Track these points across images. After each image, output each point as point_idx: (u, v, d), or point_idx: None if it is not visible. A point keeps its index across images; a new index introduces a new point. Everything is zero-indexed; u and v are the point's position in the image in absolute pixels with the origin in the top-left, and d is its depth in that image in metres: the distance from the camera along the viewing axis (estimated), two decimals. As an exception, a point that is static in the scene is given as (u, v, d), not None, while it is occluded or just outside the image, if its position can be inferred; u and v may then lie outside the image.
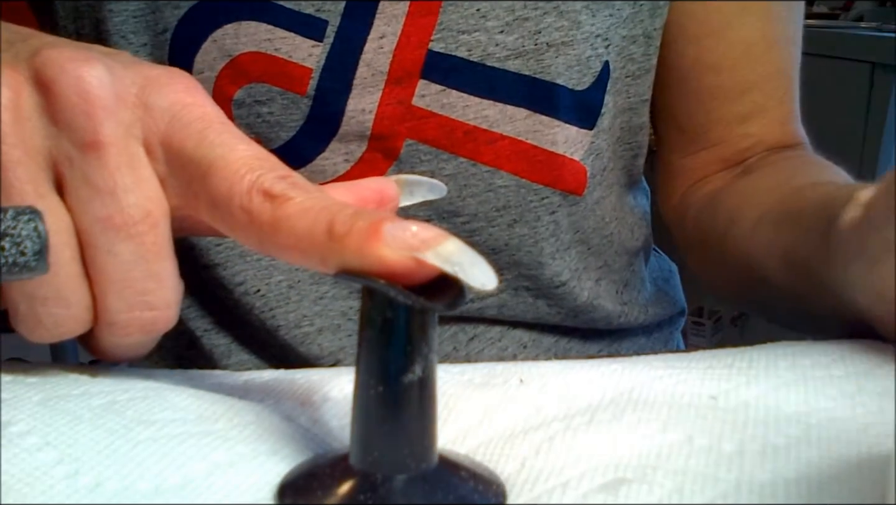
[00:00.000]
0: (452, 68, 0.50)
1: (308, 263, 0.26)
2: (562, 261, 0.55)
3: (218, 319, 0.57)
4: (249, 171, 0.27)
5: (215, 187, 0.27)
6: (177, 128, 0.29)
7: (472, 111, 0.50)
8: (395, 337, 0.24)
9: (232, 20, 0.49)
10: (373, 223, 0.23)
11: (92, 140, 0.28)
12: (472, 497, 0.25)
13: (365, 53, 0.50)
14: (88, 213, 0.28)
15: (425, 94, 0.50)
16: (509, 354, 0.56)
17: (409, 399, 0.24)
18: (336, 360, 0.54)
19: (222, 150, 0.28)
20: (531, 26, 0.50)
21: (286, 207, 0.26)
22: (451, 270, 0.23)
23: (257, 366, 0.56)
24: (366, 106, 0.50)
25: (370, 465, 0.24)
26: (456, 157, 0.51)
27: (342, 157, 0.51)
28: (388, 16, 0.50)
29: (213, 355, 0.57)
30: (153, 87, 0.29)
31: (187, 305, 0.57)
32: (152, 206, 0.29)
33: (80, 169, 0.28)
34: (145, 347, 0.31)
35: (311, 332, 0.54)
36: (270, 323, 0.54)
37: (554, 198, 0.53)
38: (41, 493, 0.24)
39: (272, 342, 0.55)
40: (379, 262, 0.23)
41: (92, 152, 0.28)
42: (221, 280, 0.54)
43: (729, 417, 0.29)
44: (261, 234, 0.26)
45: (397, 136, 0.50)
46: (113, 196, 0.28)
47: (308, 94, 0.50)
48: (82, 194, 0.28)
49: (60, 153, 0.28)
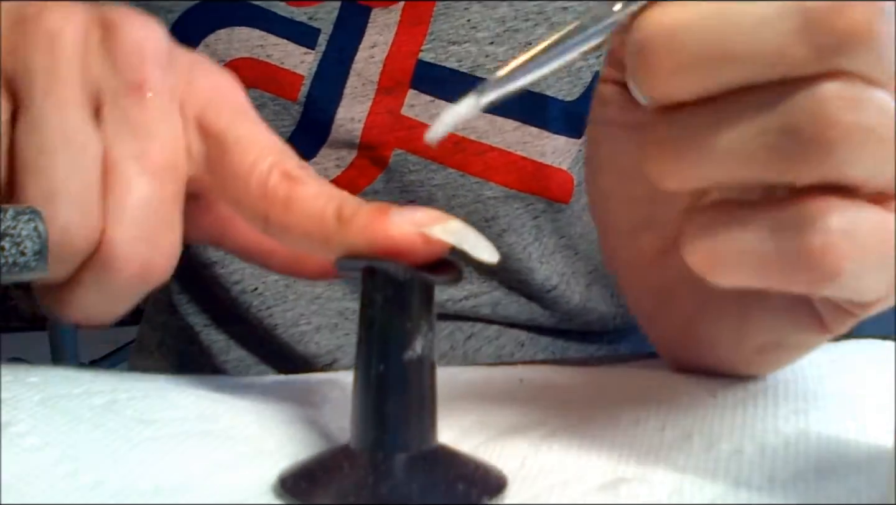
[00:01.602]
0: (442, 79, 0.50)
1: (310, 244, 0.27)
2: (549, 266, 0.55)
3: (216, 316, 0.57)
4: (272, 154, 0.29)
5: (237, 162, 0.29)
6: (213, 106, 0.31)
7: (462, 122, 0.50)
8: (395, 314, 0.24)
9: (225, 25, 0.50)
10: (380, 206, 0.25)
11: (140, 83, 0.30)
12: (474, 476, 0.25)
13: (356, 63, 0.50)
14: (121, 148, 0.29)
15: (415, 104, 0.50)
16: (507, 353, 0.56)
17: (410, 377, 0.25)
18: (333, 358, 0.54)
19: (251, 132, 0.30)
20: (522, 38, 0.50)
21: (301, 189, 0.28)
22: (457, 244, 0.24)
23: (256, 362, 0.56)
24: (355, 115, 0.50)
25: (371, 444, 0.25)
26: (445, 168, 0.51)
27: (333, 163, 0.51)
28: (380, 25, 0.50)
29: (211, 351, 0.57)
30: (201, 68, 0.32)
31: (186, 300, 0.57)
32: (178, 160, 0.30)
33: (122, 107, 0.30)
34: (124, 303, 0.31)
35: (308, 330, 0.54)
36: (268, 321, 0.54)
37: (538, 204, 0.53)
38: (41, 493, 0.24)
39: (270, 340, 0.55)
40: (386, 237, 0.24)
41: (136, 94, 0.30)
42: (219, 278, 0.54)
43: (728, 416, 0.29)
44: (271, 210, 0.28)
45: (386, 146, 0.51)
46: (148, 138, 0.30)
47: (299, 101, 0.50)
48: (119, 130, 0.29)
49: (107, 88, 0.30)
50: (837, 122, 0.22)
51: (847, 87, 0.22)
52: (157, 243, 0.30)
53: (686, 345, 0.34)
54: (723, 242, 0.24)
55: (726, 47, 0.22)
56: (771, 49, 0.22)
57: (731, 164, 0.23)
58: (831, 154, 0.22)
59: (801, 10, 0.22)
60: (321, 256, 0.27)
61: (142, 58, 0.30)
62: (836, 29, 0.22)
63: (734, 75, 0.23)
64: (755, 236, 0.23)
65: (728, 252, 0.24)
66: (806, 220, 0.23)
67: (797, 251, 0.23)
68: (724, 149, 0.23)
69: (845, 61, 0.22)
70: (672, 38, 0.23)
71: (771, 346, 0.31)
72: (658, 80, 0.23)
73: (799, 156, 0.22)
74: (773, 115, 0.22)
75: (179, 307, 0.58)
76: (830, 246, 0.23)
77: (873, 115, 0.22)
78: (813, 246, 0.23)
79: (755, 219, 0.24)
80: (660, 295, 0.33)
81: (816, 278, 0.23)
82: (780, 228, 0.23)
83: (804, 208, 0.23)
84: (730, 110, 0.23)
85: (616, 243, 0.34)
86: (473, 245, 0.24)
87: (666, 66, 0.23)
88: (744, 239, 0.24)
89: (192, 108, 0.31)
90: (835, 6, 0.21)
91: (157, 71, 0.30)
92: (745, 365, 0.32)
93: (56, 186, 0.28)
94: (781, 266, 0.23)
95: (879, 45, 0.22)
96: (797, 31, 0.22)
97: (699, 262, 0.24)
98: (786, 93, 0.22)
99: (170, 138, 0.30)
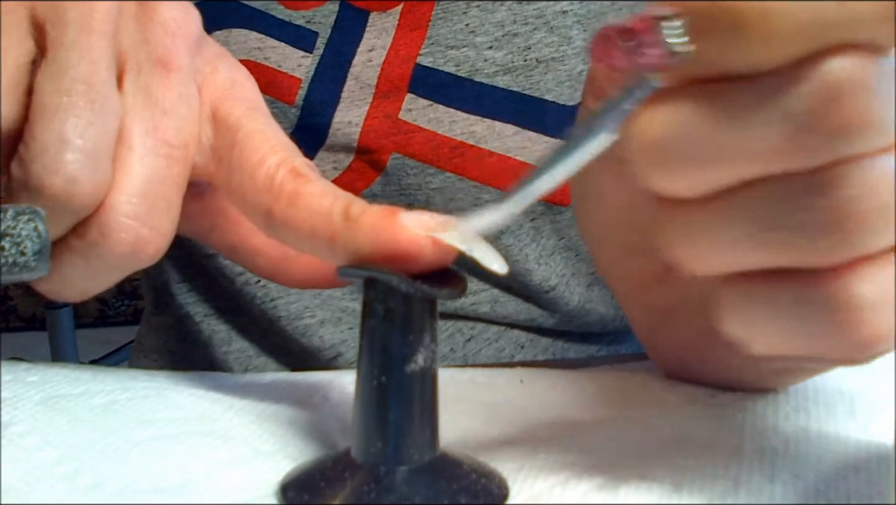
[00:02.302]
0: (440, 83, 0.50)
1: (313, 242, 0.27)
2: (547, 266, 0.55)
3: (218, 306, 0.57)
4: (284, 150, 0.29)
5: (247, 154, 0.29)
6: (229, 97, 0.31)
7: (460, 127, 0.50)
8: (397, 327, 0.24)
9: (223, 27, 0.50)
10: (389, 208, 0.25)
11: (167, 60, 0.30)
12: (476, 488, 0.25)
13: (354, 66, 0.50)
14: (136, 119, 0.29)
15: (412, 108, 0.50)
16: (506, 355, 0.56)
17: (412, 390, 0.24)
18: (337, 352, 0.54)
19: (264, 127, 0.30)
20: (521, 42, 0.50)
21: (309, 186, 0.28)
22: (467, 251, 0.24)
23: (257, 354, 0.56)
24: (352, 119, 0.50)
25: (373, 456, 0.25)
26: (443, 172, 0.51)
27: (331, 166, 0.51)
28: (378, 29, 0.50)
29: (212, 341, 0.57)
30: (226, 60, 0.33)
31: (187, 289, 0.57)
32: (189, 143, 0.30)
33: (144, 80, 0.30)
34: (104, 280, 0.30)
35: (312, 323, 0.54)
36: (272, 313, 0.54)
37: (537, 207, 0.53)
38: (41, 493, 0.24)
39: (273, 332, 0.55)
40: (393, 238, 0.24)
41: (161, 69, 0.30)
42: (223, 269, 0.54)
43: (728, 415, 0.29)
44: (275, 204, 0.28)
45: (383, 150, 0.50)
46: (164, 115, 0.30)
47: (296, 105, 0.50)
48: (137, 101, 0.30)
49: (133, 59, 0.30)
50: (855, 212, 0.21)
51: (859, 173, 0.21)
52: (155, 222, 0.29)
53: (689, 362, 0.33)
54: (758, 317, 0.23)
55: (718, 153, 0.22)
56: (767, 152, 0.21)
57: (749, 253, 0.22)
58: (853, 242, 0.21)
59: (789, 117, 0.21)
60: (322, 257, 0.27)
61: (173, 37, 0.30)
62: (831, 128, 0.21)
63: (733, 174, 0.22)
64: (789, 311, 0.23)
65: (764, 327, 0.23)
66: (836, 295, 0.22)
67: (833, 328, 0.22)
68: (741, 239, 0.22)
69: (850, 149, 0.21)
70: (660, 147, 0.22)
71: (788, 369, 0.30)
72: (658, 184, 0.23)
73: (823, 246, 0.22)
74: (788, 207, 0.22)
75: (179, 296, 0.57)
76: (865, 321, 0.22)
77: (887, 192, 0.21)
78: (845, 322, 0.22)
79: (786, 290, 0.23)
80: (659, 315, 0.33)
81: (853, 351, 0.22)
82: (812, 303, 0.22)
83: (833, 281, 0.22)
84: (745, 202, 0.22)
85: (609, 265, 0.33)
86: (483, 254, 0.24)
87: (660, 172, 0.22)
88: (777, 314, 0.23)
89: (209, 96, 0.31)
90: (820, 106, 0.20)
91: (186, 53, 0.30)
92: (757, 382, 0.31)
93: (71, 133, 0.28)
94: (817, 340, 0.23)
95: (880, 122, 0.21)
96: (790, 134, 0.21)
97: (736, 335, 0.24)
98: (797, 184, 0.22)
99: (185, 120, 0.30)
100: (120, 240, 0.29)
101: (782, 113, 0.21)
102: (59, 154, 0.27)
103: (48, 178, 0.28)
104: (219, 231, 0.34)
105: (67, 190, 0.28)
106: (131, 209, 0.29)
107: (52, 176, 0.28)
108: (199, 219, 0.34)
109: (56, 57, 0.28)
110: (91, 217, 0.29)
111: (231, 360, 0.56)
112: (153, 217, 0.29)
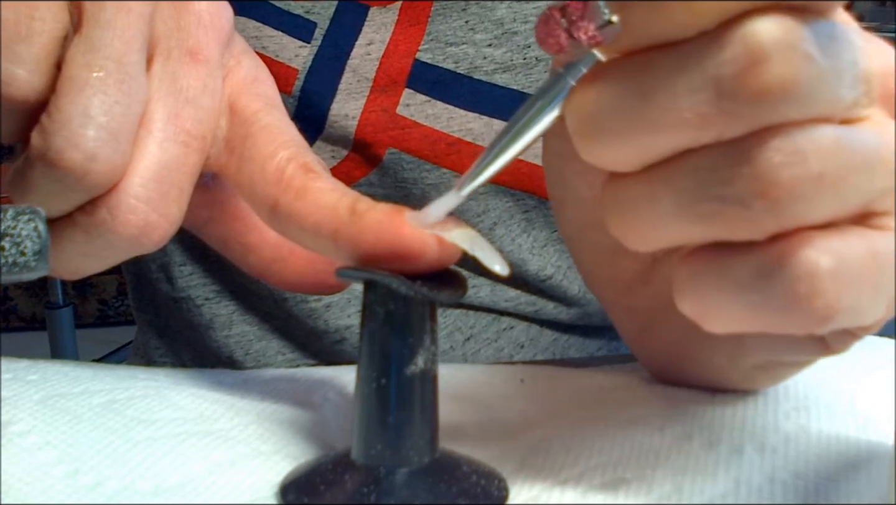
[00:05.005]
0: (438, 79, 0.50)
1: (317, 236, 0.27)
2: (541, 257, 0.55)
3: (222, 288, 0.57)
4: (296, 146, 0.29)
5: (260, 146, 0.30)
6: (250, 90, 0.32)
7: (457, 123, 0.50)
8: (397, 329, 0.24)
9: None
10: (395, 206, 0.25)
11: (197, 50, 0.30)
12: (475, 490, 0.25)
13: (352, 59, 0.50)
14: (160, 105, 0.30)
15: (410, 103, 0.50)
16: (506, 355, 0.56)
17: (412, 392, 0.24)
18: (341, 337, 0.54)
19: (279, 122, 0.31)
20: (520, 41, 0.50)
21: (318, 181, 0.28)
22: (470, 250, 0.24)
23: (258, 338, 0.56)
24: (349, 111, 0.50)
25: (373, 458, 0.25)
26: (439, 168, 0.51)
27: (329, 155, 0.51)
28: (377, 23, 0.50)
29: (213, 325, 0.56)
30: (250, 56, 0.33)
31: (190, 272, 0.57)
32: (207, 134, 0.30)
33: (173, 68, 0.30)
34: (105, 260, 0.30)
35: (318, 307, 0.54)
36: (277, 294, 0.54)
37: (530, 201, 0.53)
38: (41, 492, 0.24)
39: (277, 313, 0.55)
40: (398, 235, 0.24)
41: (190, 59, 0.30)
42: None
43: (728, 415, 0.29)
44: (282, 196, 0.28)
45: (380, 144, 0.50)
46: (187, 103, 0.30)
47: (293, 95, 0.50)
48: (163, 87, 0.30)
49: (164, 45, 0.30)
50: (779, 180, 0.21)
51: (785, 140, 0.21)
52: (165, 208, 0.29)
53: (676, 364, 0.33)
54: (711, 293, 0.23)
55: (647, 123, 0.22)
56: (693, 120, 0.21)
57: (685, 226, 0.22)
58: (782, 212, 0.21)
59: (711, 82, 0.21)
60: (325, 253, 0.27)
61: (206, 29, 0.31)
62: (753, 93, 0.20)
63: (665, 145, 0.22)
64: (742, 285, 0.22)
65: (718, 302, 0.23)
66: (789, 264, 0.21)
67: (787, 298, 0.22)
68: (674, 212, 0.22)
69: (775, 116, 0.21)
70: (594, 120, 0.22)
71: (770, 364, 0.30)
72: (595, 157, 0.23)
73: (752, 216, 0.21)
74: (715, 177, 0.21)
75: (180, 279, 0.57)
76: (820, 291, 0.21)
77: (817, 162, 0.21)
78: (801, 293, 0.21)
79: (740, 265, 0.22)
80: (645, 316, 0.33)
81: (811, 323, 0.22)
82: (766, 274, 0.22)
83: (785, 248, 0.22)
84: (675, 174, 0.22)
85: (591, 267, 0.33)
86: (486, 255, 0.24)
87: (596, 145, 0.23)
88: (731, 288, 0.22)
89: (229, 89, 0.31)
90: (742, 70, 0.20)
91: (216, 46, 0.31)
92: (743, 382, 0.31)
93: (96, 109, 0.28)
94: (774, 313, 0.22)
95: (807, 88, 0.20)
96: (713, 100, 0.21)
97: (691, 312, 0.23)
98: (723, 153, 0.21)
99: (207, 112, 0.30)
100: (128, 222, 0.29)
101: (706, 78, 0.21)
102: (82, 128, 0.27)
103: (67, 152, 0.28)
104: (215, 224, 0.34)
105: (84, 166, 0.28)
106: (144, 193, 0.29)
107: (71, 149, 0.28)
108: (198, 209, 0.34)
109: (90, 33, 0.28)
110: (102, 196, 0.29)
111: (232, 343, 0.56)
112: (164, 204, 0.29)
